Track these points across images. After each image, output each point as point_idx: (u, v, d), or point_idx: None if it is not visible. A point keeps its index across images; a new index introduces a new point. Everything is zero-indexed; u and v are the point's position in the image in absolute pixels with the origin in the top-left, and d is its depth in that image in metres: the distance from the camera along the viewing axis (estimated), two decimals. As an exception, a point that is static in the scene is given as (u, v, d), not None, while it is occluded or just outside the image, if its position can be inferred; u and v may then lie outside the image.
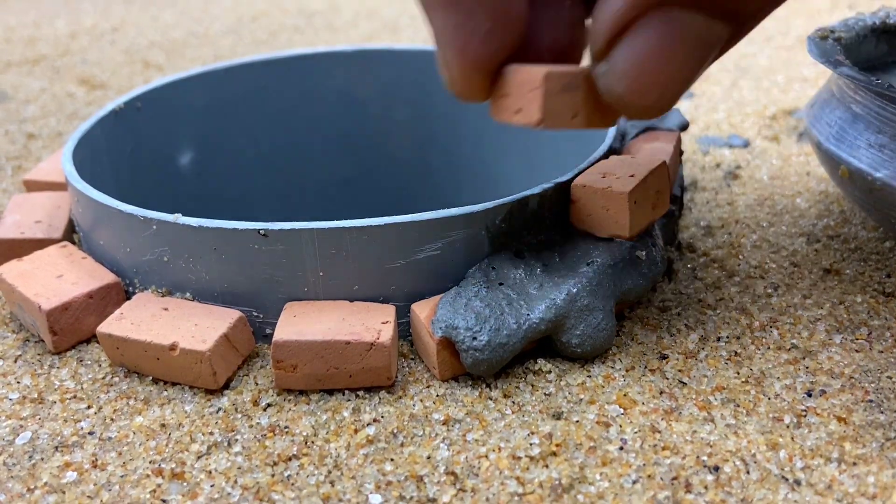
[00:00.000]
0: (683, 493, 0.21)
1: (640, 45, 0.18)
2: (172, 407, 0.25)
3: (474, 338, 0.24)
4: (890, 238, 0.33)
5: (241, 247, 0.25)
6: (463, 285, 0.25)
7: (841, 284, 0.30)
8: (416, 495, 0.21)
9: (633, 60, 0.19)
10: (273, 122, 0.41)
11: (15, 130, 0.49)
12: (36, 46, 0.68)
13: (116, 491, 0.22)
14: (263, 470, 0.22)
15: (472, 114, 0.40)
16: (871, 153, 0.29)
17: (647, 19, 0.18)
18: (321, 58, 0.40)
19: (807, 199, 0.37)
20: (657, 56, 0.18)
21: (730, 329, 0.27)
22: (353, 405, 0.24)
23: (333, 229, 0.24)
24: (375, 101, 0.41)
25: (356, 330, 0.24)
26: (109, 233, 0.28)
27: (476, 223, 0.25)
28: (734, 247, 0.32)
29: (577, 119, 0.21)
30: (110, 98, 0.55)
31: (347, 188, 0.43)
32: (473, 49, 0.20)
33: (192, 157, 0.39)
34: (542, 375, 0.25)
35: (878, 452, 0.22)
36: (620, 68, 0.19)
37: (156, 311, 0.26)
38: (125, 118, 0.35)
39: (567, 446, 0.22)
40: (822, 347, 0.26)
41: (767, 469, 0.21)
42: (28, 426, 0.24)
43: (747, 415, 0.23)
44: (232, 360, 0.25)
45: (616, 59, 0.19)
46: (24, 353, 0.27)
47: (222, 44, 0.69)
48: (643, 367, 0.25)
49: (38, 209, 0.32)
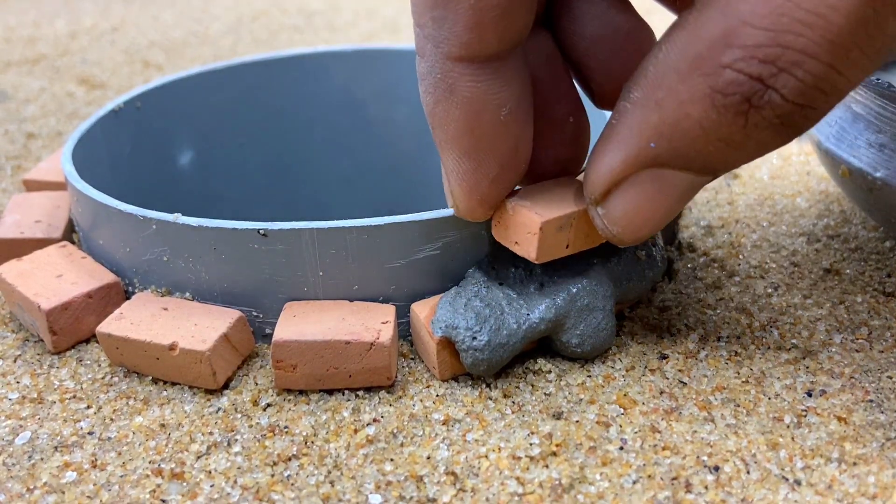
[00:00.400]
0: (683, 492, 0.21)
1: (633, 198, 0.21)
2: (172, 407, 0.25)
3: (474, 337, 0.24)
4: (890, 238, 0.33)
5: (241, 246, 0.25)
6: (463, 285, 0.25)
7: (841, 284, 0.30)
8: (415, 495, 0.21)
9: (628, 209, 0.21)
10: (273, 122, 0.41)
11: (14, 130, 0.49)
12: (36, 46, 0.68)
13: (116, 491, 0.22)
14: (263, 470, 0.22)
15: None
16: (872, 153, 0.29)
17: (638, 175, 0.20)
18: (321, 57, 0.40)
19: (807, 198, 0.37)
20: (648, 205, 0.21)
21: (730, 329, 0.27)
22: (352, 405, 0.24)
23: (333, 229, 0.24)
24: (375, 101, 0.41)
25: (356, 330, 0.24)
26: (109, 232, 0.28)
27: (476, 223, 0.25)
28: (734, 246, 0.32)
29: (569, 248, 0.24)
30: (110, 98, 0.55)
31: (347, 188, 0.43)
32: (481, 190, 0.23)
33: (192, 156, 0.39)
34: (542, 375, 0.25)
35: (879, 452, 0.22)
36: (616, 215, 0.21)
37: (155, 311, 0.26)
38: (125, 118, 0.35)
39: (567, 446, 0.22)
40: (822, 347, 0.26)
41: (768, 469, 0.21)
42: (27, 426, 0.24)
43: (747, 415, 0.23)
44: (232, 359, 0.25)
45: (612, 207, 0.21)
46: (23, 353, 0.27)
47: (222, 43, 0.69)
48: (643, 366, 0.25)
49: (37, 209, 0.32)
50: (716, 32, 0.18)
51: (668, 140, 0.19)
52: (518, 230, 0.23)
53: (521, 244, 0.23)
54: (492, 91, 0.21)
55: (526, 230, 0.23)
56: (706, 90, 0.18)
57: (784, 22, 0.17)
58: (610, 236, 0.22)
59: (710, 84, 0.18)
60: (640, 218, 0.21)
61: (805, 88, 0.18)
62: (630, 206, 0.21)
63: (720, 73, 0.18)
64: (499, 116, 0.21)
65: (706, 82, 0.18)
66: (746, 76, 0.18)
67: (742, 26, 0.17)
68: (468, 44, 0.20)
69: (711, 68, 0.18)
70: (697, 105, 0.19)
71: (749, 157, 0.20)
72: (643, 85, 0.20)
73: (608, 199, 0.21)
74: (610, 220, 0.22)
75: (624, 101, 0.20)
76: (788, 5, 0.17)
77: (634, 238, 0.22)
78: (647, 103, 0.19)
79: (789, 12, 0.17)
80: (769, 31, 0.17)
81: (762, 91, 0.18)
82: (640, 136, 0.20)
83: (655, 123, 0.19)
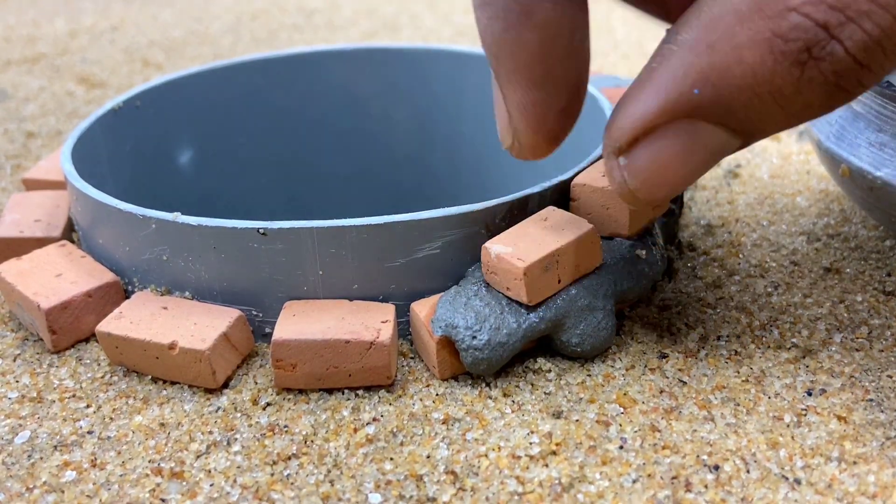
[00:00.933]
0: (683, 492, 0.21)
1: (663, 149, 0.19)
2: (172, 406, 0.25)
3: (474, 337, 0.24)
4: (890, 237, 0.33)
5: (241, 245, 0.25)
6: (463, 284, 0.25)
7: (841, 283, 0.30)
8: (415, 494, 0.21)
9: (654, 161, 0.20)
10: (273, 121, 0.41)
11: (14, 129, 0.49)
12: (35, 45, 0.68)
13: (115, 490, 0.22)
14: (263, 469, 0.22)
15: (473, 112, 0.40)
16: (872, 152, 0.29)
17: (672, 126, 0.19)
18: (321, 56, 0.40)
19: (807, 197, 0.37)
20: (676, 161, 0.20)
21: (730, 328, 0.27)
22: (352, 404, 0.24)
23: (333, 228, 0.24)
24: (375, 100, 0.41)
25: (356, 329, 0.24)
26: (109, 232, 0.28)
27: (476, 222, 0.25)
28: (734, 245, 0.32)
29: (561, 283, 0.24)
30: (110, 97, 0.55)
31: (347, 186, 0.43)
32: (548, 123, 0.22)
33: (192, 155, 0.39)
34: (542, 374, 0.25)
35: (879, 451, 0.22)
36: (640, 166, 0.20)
37: (155, 310, 0.26)
38: (124, 117, 0.35)
39: (567, 445, 0.22)
40: (822, 346, 0.26)
41: (767, 468, 0.21)
42: (27, 425, 0.24)
43: (747, 414, 0.23)
44: (231, 359, 0.25)
45: (638, 157, 0.20)
46: (22, 352, 0.27)
47: (222, 42, 0.69)
48: (643, 366, 0.25)
49: (37, 208, 0.32)
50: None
51: (715, 87, 0.18)
52: (506, 276, 0.24)
53: (511, 289, 0.24)
54: (569, 14, 0.20)
55: (512, 276, 0.24)
56: (767, 33, 0.17)
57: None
58: (625, 192, 0.21)
59: (772, 27, 0.17)
60: (665, 174, 0.20)
61: (869, 43, 0.17)
62: (658, 159, 0.20)
63: (785, 15, 0.17)
64: (574, 42, 0.20)
65: (768, 25, 0.17)
66: (813, 22, 0.17)
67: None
68: None
69: (776, 10, 0.17)
70: (754, 49, 0.18)
71: (789, 122, 0.19)
72: (695, 26, 0.18)
73: (635, 149, 0.20)
74: (632, 172, 0.20)
75: (669, 42, 0.19)
76: None
77: (650, 197, 0.20)
78: (697, 46, 0.18)
79: None
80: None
81: (826, 41, 0.17)
82: (684, 80, 0.18)
83: (703, 67, 0.18)
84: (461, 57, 0.39)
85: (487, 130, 0.41)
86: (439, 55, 0.40)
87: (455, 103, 0.41)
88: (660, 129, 0.19)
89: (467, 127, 0.41)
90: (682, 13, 0.19)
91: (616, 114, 0.20)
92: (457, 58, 0.40)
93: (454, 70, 0.40)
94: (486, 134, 0.41)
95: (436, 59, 0.40)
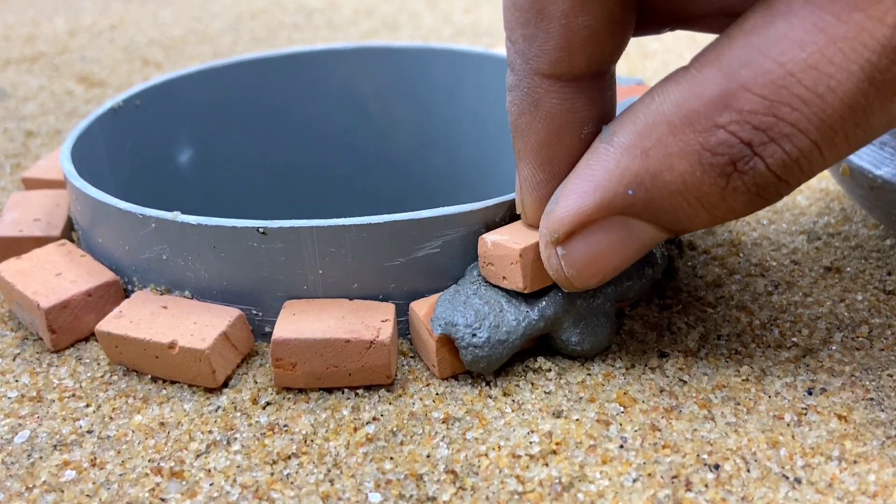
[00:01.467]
0: (684, 491, 0.21)
1: (598, 243, 0.21)
2: (171, 405, 0.25)
3: (473, 335, 0.24)
4: (891, 236, 0.33)
5: (241, 245, 0.25)
6: (462, 283, 0.25)
7: (842, 282, 0.30)
8: (415, 494, 0.21)
9: (589, 253, 0.22)
10: (272, 120, 0.41)
11: (14, 128, 0.49)
12: (35, 44, 0.68)
13: (115, 489, 0.22)
14: (263, 468, 0.22)
15: (472, 112, 0.40)
16: (872, 151, 0.29)
17: (606, 221, 0.21)
18: (320, 55, 0.40)
19: (807, 196, 0.37)
20: (609, 253, 0.22)
21: (730, 327, 0.27)
22: (352, 403, 0.24)
23: (333, 227, 0.24)
24: (375, 99, 0.41)
25: (355, 328, 0.24)
26: (108, 231, 0.28)
27: (475, 221, 0.25)
28: (734, 244, 0.32)
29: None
30: (109, 96, 0.55)
31: (347, 186, 0.43)
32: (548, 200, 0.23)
33: (191, 154, 0.39)
34: (542, 374, 0.25)
35: (879, 451, 0.22)
36: (576, 257, 0.22)
37: (155, 310, 0.26)
38: (124, 116, 0.35)
39: (567, 444, 0.22)
40: (822, 345, 0.26)
41: (768, 467, 0.21)
42: (27, 425, 0.24)
43: (748, 413, 0.23)
44: (231, 358, 0.25)
45: (573, 249, 0.22)
46: (22, 352, 0.27)
47: (221, 41, 0.69)
48: (643, 365, 0.25)
49: (36, 207, 0.32)
50: (715, 92, 0.18)
51: (648, 190, 0.20)
52: (502, 264, 0.24)
53: (508, 277, 0.24)
54: (575, 109, 0.22)
55: (508, 262, 0.24)
56: (696, 146, 0.19)
57: (783, 94, 0.18)
58: (561, 278, 0.23)
59: (701, 141, 0.19)
60: (598, 265, 0.22)
61: (788, 162, 0.18)
62: (592, 252, 0.21)
63: (713, 131, 0.18)
64: (580, 134, 0.22)
65: (697, 139, 0.19)
66: (738, 139, 0.18)
67: (741, 90, 0.18)
68: (557, 62, 0.21)
69: (705, 126, 0.19)
70: (685, 160, 0.19)
71: (714, 222, 0.20)
72: (631, 131, 0.20)
73: (572, 240, 0.22)
74: (568, 262, 0.22)
75: (604, 142, 0.21)
76: (790, 79, 0.17)
77: (584, 285, 0.22)
78: (632, 150, 0.20)
79: (789, 86, 0.17)
80: (767, 100, 0.18)
81: (749, 157, 0.18)
82: (620, 181, 0.20)
83: (638, 171, 0.20)
84: (460, 56, 0.39)
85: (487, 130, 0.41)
86: (439, 54, 0.40)
87: (455, 102, 0.41)
88: (595, 223, 0.21)
89: (467, 126, 0.41)
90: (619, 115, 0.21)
91: (554, 206, 0.22)
92: (456, 57, 0.40)
93: (454, 69, 0.40)
94: (486, 133, 0.41)
95: (435, 59, 0.40)
